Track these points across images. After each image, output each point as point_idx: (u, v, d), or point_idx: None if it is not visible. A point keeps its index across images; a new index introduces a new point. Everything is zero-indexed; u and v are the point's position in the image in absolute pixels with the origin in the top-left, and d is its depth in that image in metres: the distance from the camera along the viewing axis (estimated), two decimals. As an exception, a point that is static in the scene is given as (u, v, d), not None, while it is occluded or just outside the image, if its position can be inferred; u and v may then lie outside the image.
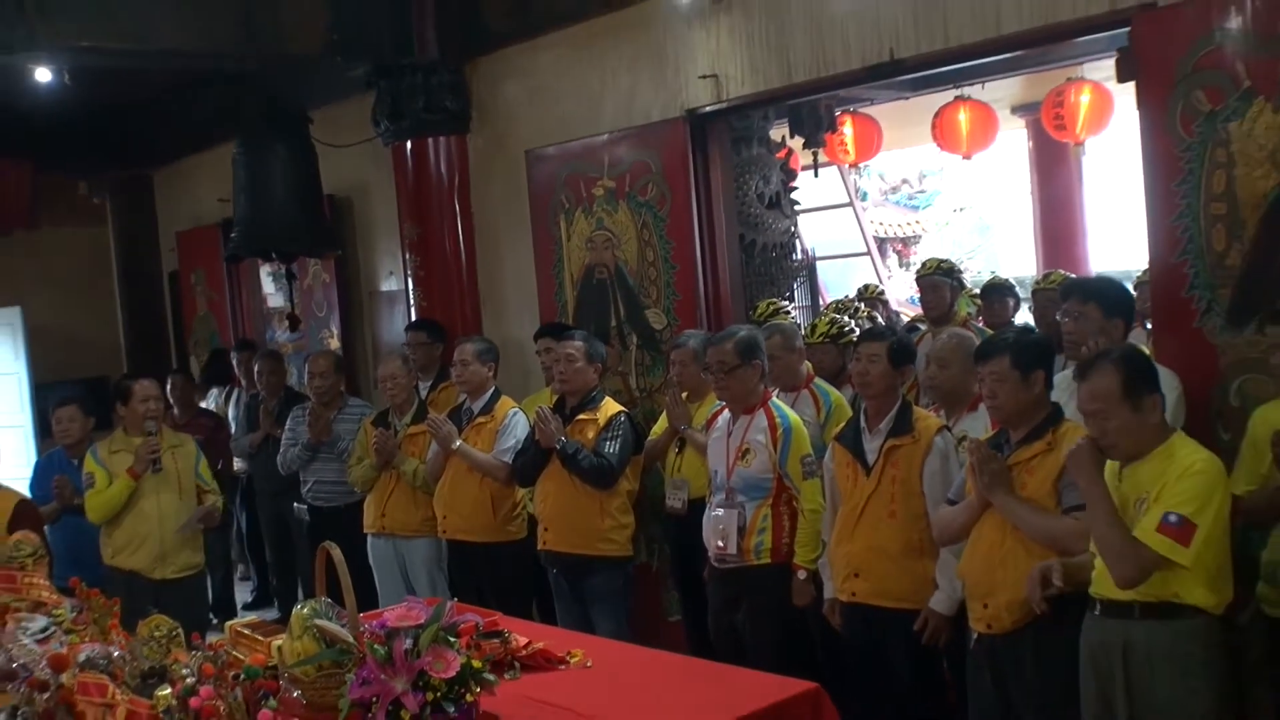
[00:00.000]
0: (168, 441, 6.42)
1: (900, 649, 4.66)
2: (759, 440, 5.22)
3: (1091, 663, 3.74)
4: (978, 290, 8.94)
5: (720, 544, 5.26)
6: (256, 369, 8.90)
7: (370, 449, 6.70)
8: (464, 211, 8.07)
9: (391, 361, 6.94)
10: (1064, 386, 4.37)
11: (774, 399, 5.40)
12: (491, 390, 6.48)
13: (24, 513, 6.03)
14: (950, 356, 4.98)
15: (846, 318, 6.71)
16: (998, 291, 7.99)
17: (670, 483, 6.00)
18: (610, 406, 5.99)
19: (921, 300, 7.90)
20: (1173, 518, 3.44)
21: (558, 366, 6.09)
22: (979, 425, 4.61)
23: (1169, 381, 4.30)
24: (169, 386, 9.14)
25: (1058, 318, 4.96)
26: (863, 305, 8.42)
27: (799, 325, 6.64)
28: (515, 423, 6.33)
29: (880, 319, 8.45)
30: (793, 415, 5.34)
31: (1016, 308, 7.93)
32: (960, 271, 7.89)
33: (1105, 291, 4.74)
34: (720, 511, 5.28)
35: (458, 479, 6.35)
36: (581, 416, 5.94)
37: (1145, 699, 3.58)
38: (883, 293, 9.88)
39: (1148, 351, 5.29)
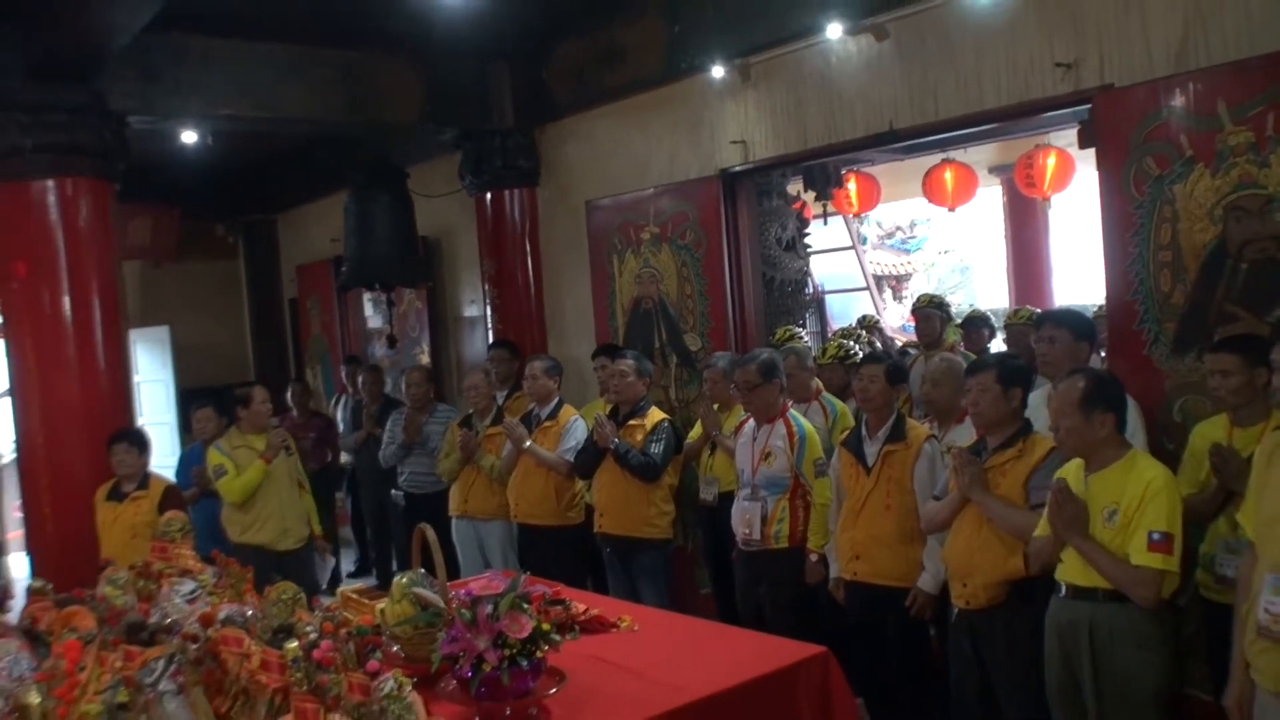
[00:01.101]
0: (268, 439, 6.50)
1: (894, 620, 4.66)
2: (779, 445, 5.25)
3: (1058, 637, 3.73)
4: (960, 321, 8.94)
5: (746, 531, 5.28)
6: (360, 379, 8.98)
7: (456, 446, 6.74)
8: (533, 251, 8.11)
9: (475, 374, 6.98)
10: (1038, 404, 4.36)
11: (791, 410, 5.42)
12: (556, 400, 6.51)
13: (171, 496, 6.13)
14: (942, 378, 4.98)
15: (851, 343, 6.69)
16: (977, 323, 7.96)
17: (703, 479, 6.01)
18: (655, 414, 6.01)
19: (916, 328, 7.90)
20: (1156, 536, 3.44)
21: (612, 381, 6.11)
22: (965, 435, 4.59)
23: (1133, 408, 4.31)
24: (289, 393, 9.25)
25: (1032, 343, 4.94)
26: (864, 332, 8.40)
27: (810, 348, 6.63)
28: (575, 426, 6.35)
29: (877, 344, 8.43)
30: (807, 424, 5.37)
31: (991, 336, 7.90)
32: (948, 305, 7.88)
33: (1074, 320, 4.71)
34: (746, 504, 5.30)
35: (527, 473, 6.38)
36: (632, 422, 5.96)
37: (1107, 668, 3.57)
38: (878, 322, 9.85)
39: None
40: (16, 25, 5.96)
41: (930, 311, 7.47)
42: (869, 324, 9.51)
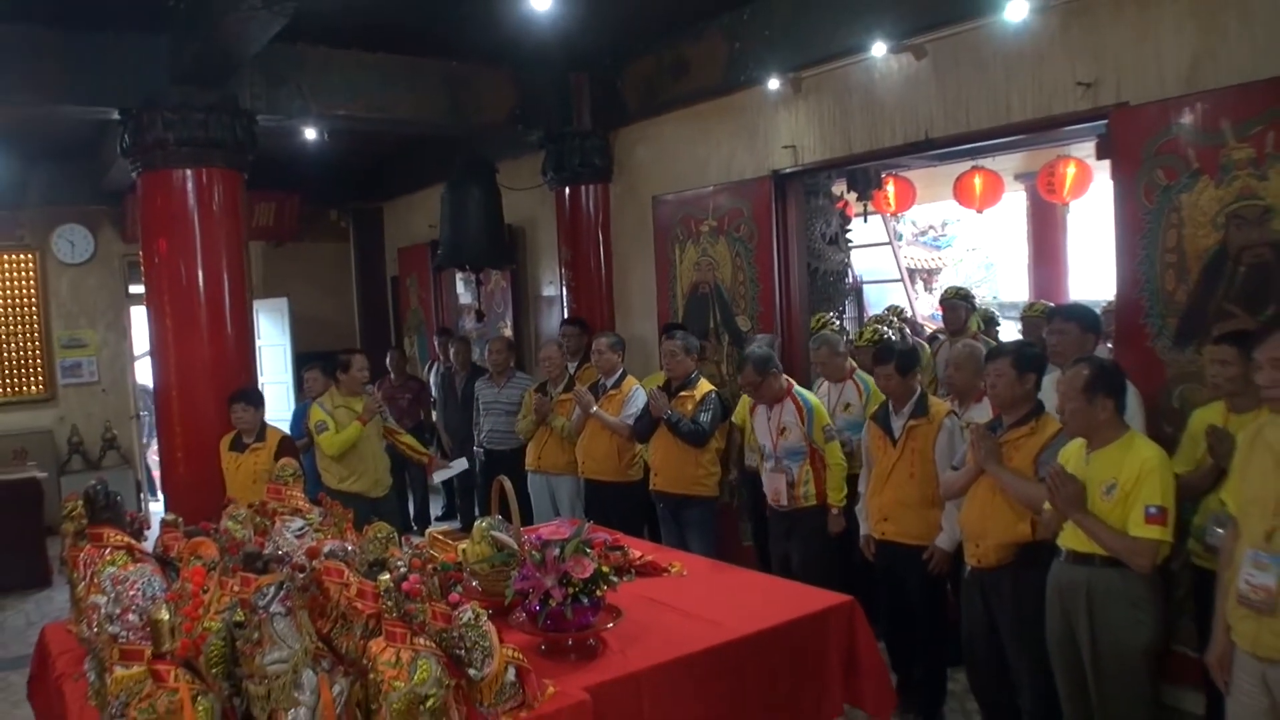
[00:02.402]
0: (365, 403, 6.55)
1: (916, 574, 4.63)
2: (791, 420, 5.25)
3: (1059, 597, 3.70)
4: (993, 311, 8.83)
5: (775, 495, 5.30)
6: (451, 349, 9.05)
7: (532, 409, 6.78)
8: (605, 239, 8.11)
9: (550, 346, 7.00)
10: (1049, 388, 4.31)
11: (797, 388, 5.40)
12: (620, 371, 6.51)
13: (285, 445, 6.24)
14: (964, 362, 4.93)
15: (885, 328, 6.64)
16: (954, 302, 7.75)
17: (748, 447, 6.00)
18: (704, 386, 5.98)
19: (943, 317, 7.81)
20: (1153, 509, 3.40)
21: (665, 358, 6.13)
22: (983, 413, 4.54)
23: (1134, 394, 4.24)
24: (389, 359, 9.35)
25: (1044, 335, 4.87)
26: (895, 319, 8.32)
27: (841, 335, 6.54)
28: (636, 395, 6.33)
29: (906, 330, 8.35)
30: (812, 398, 5.37)
31: (970, 312, 7.55)
32: (973, 297, 7.77)
33: (1081, 314, 4.65)
34: (773, 473, 5.32)
35: (594, 434, 6.39)
36: (683, 393, 5.94)
37: (1102, 626, 3.54)
38: (903, 311, 9.77)
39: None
40: (164, 37, 6.10)
41: (956, 303, 7.39)
42: (898, 312, 9.47)
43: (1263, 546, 2.86)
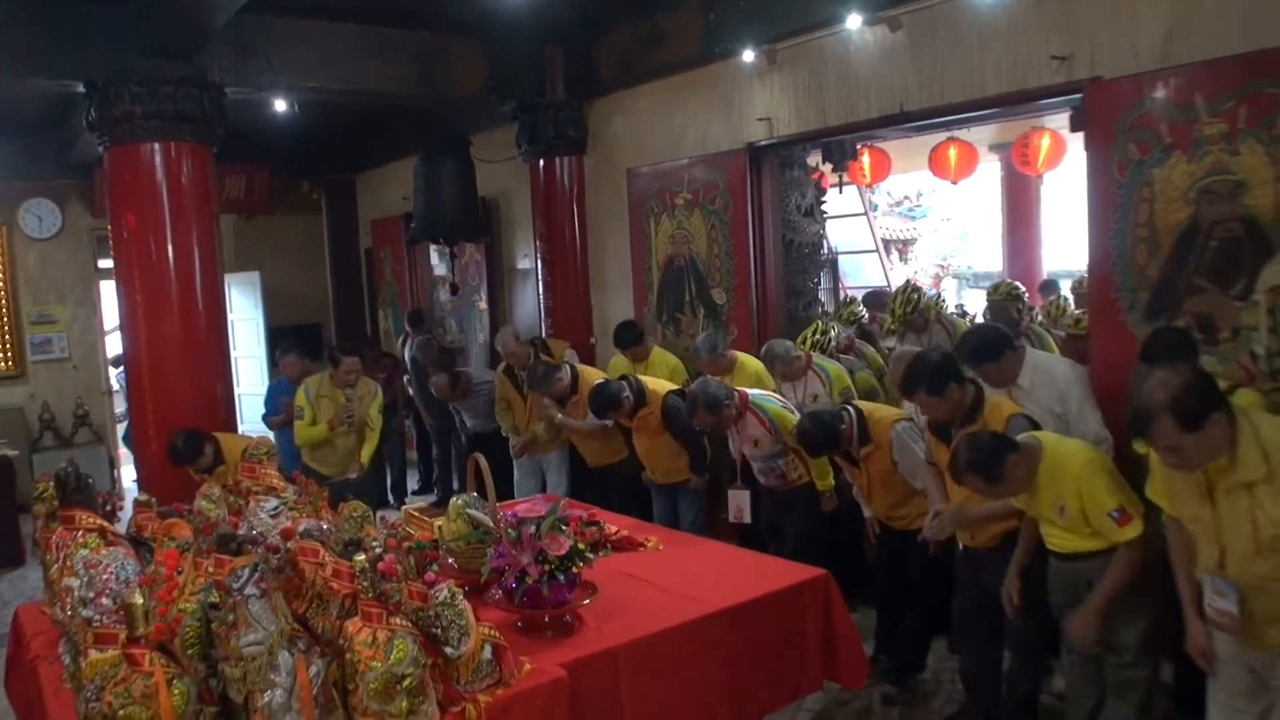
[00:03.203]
0: (358, 392, 6.59)
1: (919, 553, 4.54)
2: (759, 432, 5.21)
3: (1060, 585, 3.65)
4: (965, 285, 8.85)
5: (768, 480, 5.33)
6: (417, 344, 8.99)
7: (510, 398, 6.86)
8: (580, 212, 8.07)
9: (508, 338, 6.99)
10: (1026, 371, 4.30)
11: (751, 399, 5.28)
12: (571, 378, 6.35)
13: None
14: (896, 376, 4.84)
15: (829, 333, 6.43)
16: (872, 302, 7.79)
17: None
18: (658, 393, 5.81)
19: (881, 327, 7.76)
20: (1114, 514, 3.36)
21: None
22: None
23: (1083, 378, 4.30)
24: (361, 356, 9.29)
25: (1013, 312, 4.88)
26: (863, 309, 8.19)
27: (789, 344, 6.14)
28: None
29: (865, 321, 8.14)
30: (769, 405, 5.27)
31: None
32: (920, 289, 7.66)
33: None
34: (762, 471, 5.33)
35: (576, 436, 6.48)
36: (642, 413, 5.79)
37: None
38: (854, 300, 9.42)
39: (1052, 343, 5.25)
40: (131, 8, 6.00)
41: (913, 318, 7.17)
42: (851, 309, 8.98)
43: (1217, 573, 2.86)
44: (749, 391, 5.38)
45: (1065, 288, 8.88)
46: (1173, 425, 2.75)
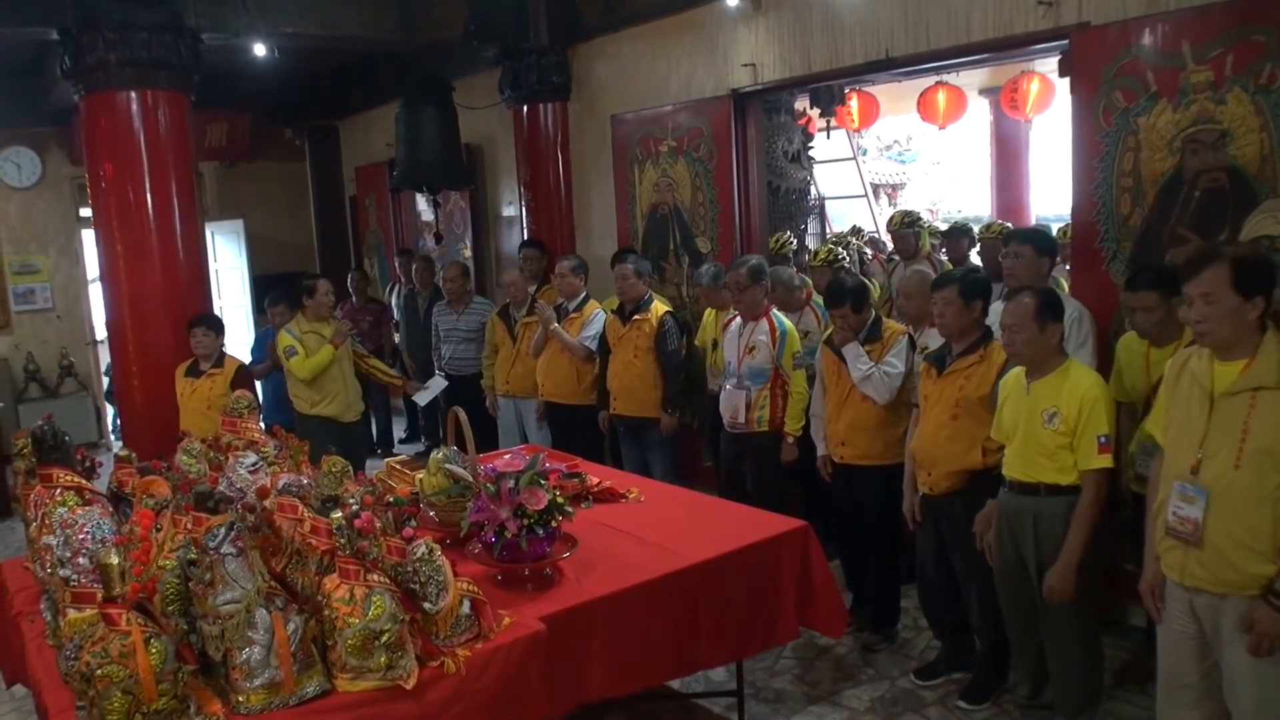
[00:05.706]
0: (336, 327, 6.49)
1: (872, 496, 4.69)
2: (762, 340, 5.19)
3: (1007, 522, 3.76)
4: (944, 227, 8.82)
5: (732, 415, 5.28)
6: (414, 268, 8.97)
7: (498, 341, 6.84)
8: (564, 159, 8.01)
9: (510, 272, 6.97)
10: (998, 315, 4.32)
11: (774, 310, 5.35)
12: (583, 295, 6.51)
13: (242, 375, 6.15)
14: (914, 291, 4.86)
15: (841, 249, 6.60)
16: (957, 233, 7.86)
17: (710, 371, 6.02)
18: (659, 308, 5.99)
19: (894, 246, 7.85)
20: (1102, 439, 3.47)
21: (617, 281, 6.10)
22: (937, 338, 4.55)
23: (1086, 318, 4.30)
24: (349, 280, 9.27)
25: (999, 258, 4.89)
26: (854, 240, 8.29)
27: (806, 250, 6.46)
28: (596, 318, 6.37)
29: (867, 252, 8.32)
30: (788, 323, 5.31)
31: (971, 245, 7.79)
32: (920, 218, 7.74)
33: (1037, 237, 4.65)
34: (733, 391, 5.28)
35: (553, 356, 6.44)
36: (637, 316, 5.97)
37: (1047, 549, 3.61)
38: (862, 231, 9.71)
39: (1066, 286, 5.26)
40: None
41: (904, 231, 7.43)
42: (856, 232, 9.43)
43: (1188, 479, 2.86)
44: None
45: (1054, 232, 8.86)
46: (1226, 277, 2.74)
